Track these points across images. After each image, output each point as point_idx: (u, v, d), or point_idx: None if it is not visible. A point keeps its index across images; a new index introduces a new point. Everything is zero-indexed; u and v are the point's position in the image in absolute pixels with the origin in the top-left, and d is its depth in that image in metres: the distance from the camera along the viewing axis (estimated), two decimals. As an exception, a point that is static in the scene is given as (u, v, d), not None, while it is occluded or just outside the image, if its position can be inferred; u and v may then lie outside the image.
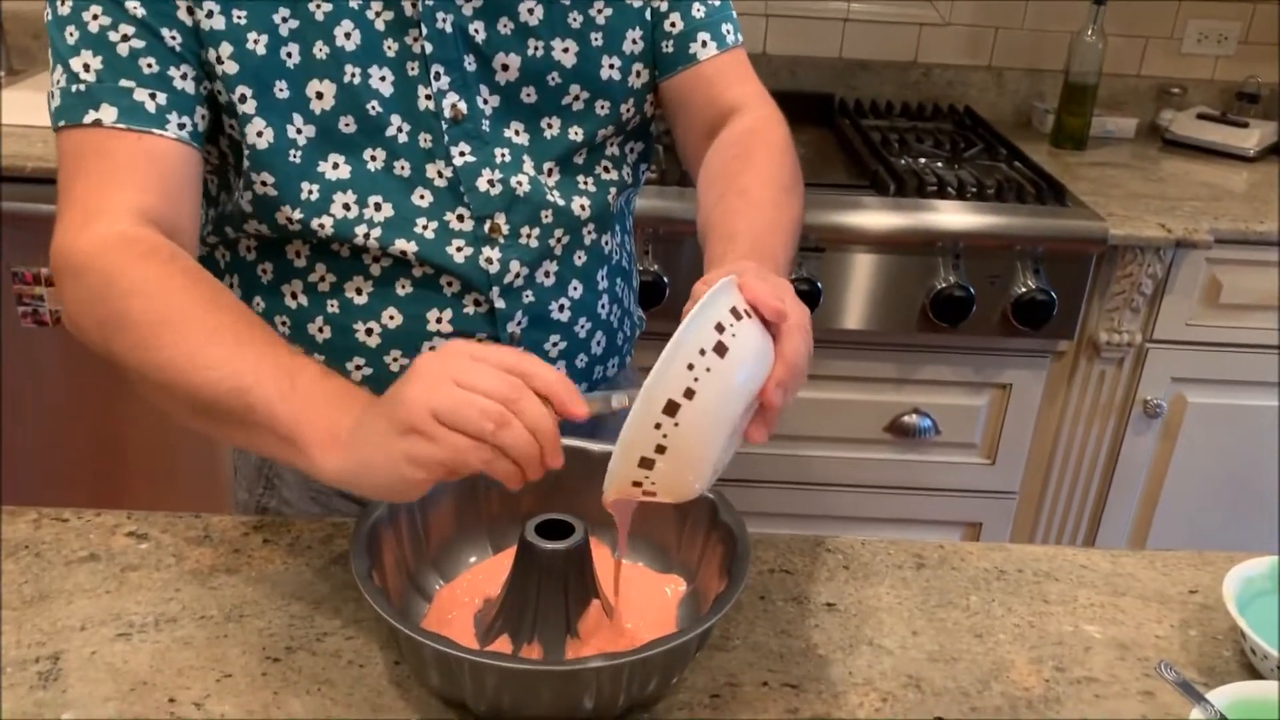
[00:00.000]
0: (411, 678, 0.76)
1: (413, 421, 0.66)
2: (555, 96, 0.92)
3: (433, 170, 0.89)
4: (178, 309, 0.77)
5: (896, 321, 1.74)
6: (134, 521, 0.90)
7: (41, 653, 0.76)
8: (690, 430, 0.66)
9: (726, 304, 0.68)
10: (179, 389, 0.75)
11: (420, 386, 0.67)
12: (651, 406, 0.65)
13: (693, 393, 0.65)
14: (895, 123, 2.10)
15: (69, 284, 0.80)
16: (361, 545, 0.75)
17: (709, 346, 0.65)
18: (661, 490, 0.69)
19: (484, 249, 0.92)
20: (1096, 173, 1.97)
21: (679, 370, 0.65)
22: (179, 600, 0.82)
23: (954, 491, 1.91)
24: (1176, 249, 1.73)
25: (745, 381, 0.67)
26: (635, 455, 0.67)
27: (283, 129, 0.85)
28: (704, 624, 0.71)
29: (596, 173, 0.97)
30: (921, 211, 1.70)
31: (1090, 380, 1.83)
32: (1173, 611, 0.87)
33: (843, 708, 0.76)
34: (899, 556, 0.92)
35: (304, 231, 0.88)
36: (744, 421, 0.70)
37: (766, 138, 0.95)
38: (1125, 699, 0.78)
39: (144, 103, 0.81)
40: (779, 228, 0.87)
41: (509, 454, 0.67)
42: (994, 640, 0.83)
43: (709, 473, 0.69)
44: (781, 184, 0.91)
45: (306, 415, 0.72)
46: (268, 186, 0.86)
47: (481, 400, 0.66)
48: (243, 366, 0.73)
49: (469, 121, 0.89)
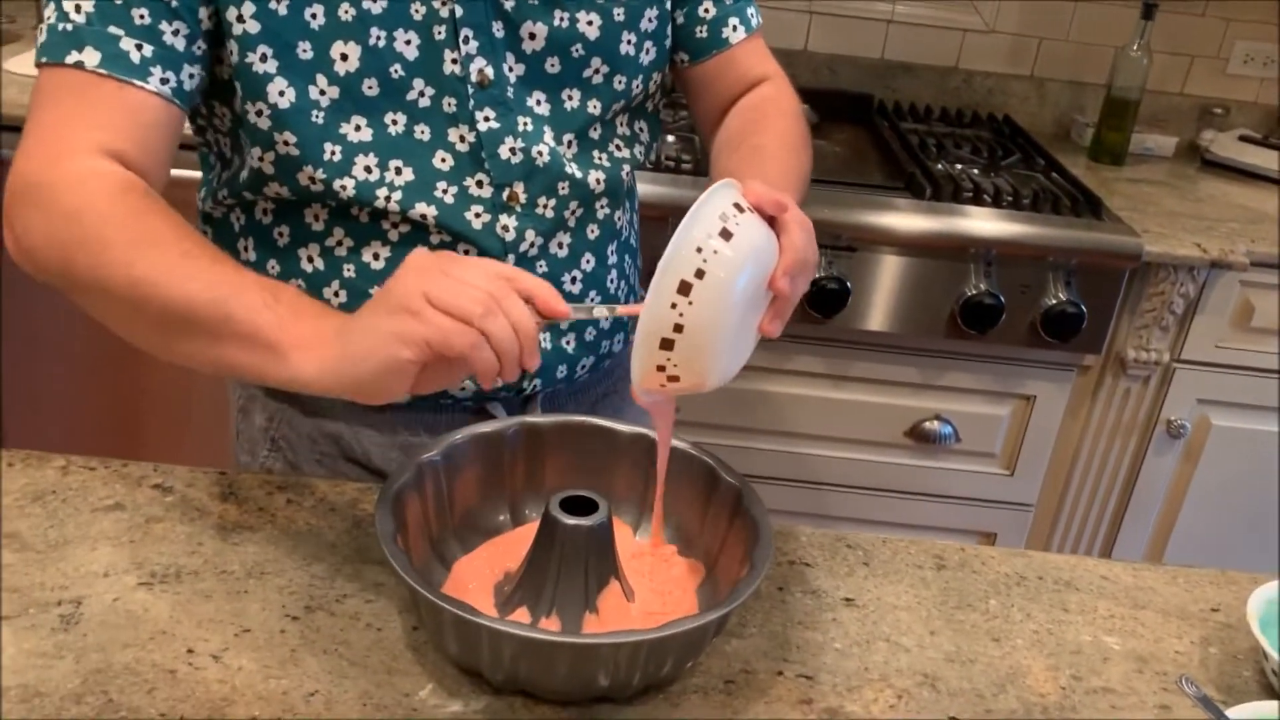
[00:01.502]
0: (428, 644, 0.76)
1: (405, 302, 0.69)
2: (577, 68, 0.93)
3: (455, 135, 0.90)
4: (155, 231, 0.77)
5: (924, 326, 1.73)
6: (160, 474, 0.91)
7: (64, 596, 0.77)
8: (704, 308, 0.70)
9: (728, 198, 0.73)
10: (151, 303, 0.75)
11: (413, 273, 0.71)
12: (666, 287, 0.70)
13: (703, 273, 0.70)
14: (933, 127, 2.09)
15: (30, 211, 0.79)
16: (387, 508, 0.75)
17: (714, 232, 0.71)
18: (684, 373, 0.73)
19: (501, 216, 0.92)
20: (1133, 189, 1.95)
21: (689, 253, 0.70)
22: (201, 554, 0.82)
23: (970, 500, 1.90)
24: (1211, 269, 1.71)
25: (752, 266, 0.72)
26: (656, 337, 0.71)
27: (305, 89, 0.85)
28: (724, 609, 0.71)
29: (610, 149, 0.98)
30: (956, 217, 1.69)
31: (1115, 396, 1.82)
32: (1193, 628, 0.87)
33: (857, 702, 0.76)
34: (919, 556, 0.92)
35: (326, 193, 0.88)
36: (755, 316, 0.76)
37: (780, 104, 1.03)
38: (1142, 711, 0.78)
39: (129, 52, 0.80)
40: (788, 180, 0.92)
41: (491, 343, 0.69)
42: (1011, 645, 0.83)
43: (725, 358, 0.74)
44: (793, 143, 0.99)
45: (290, 322, 0.73)
46: (290, 146, 0.86)
47: (471, 289, 0.70)
48: (222, 279, 0.75)
49: (495, 87, 0.90)
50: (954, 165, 1.89)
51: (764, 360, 1.78)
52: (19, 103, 1.67)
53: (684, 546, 0.87)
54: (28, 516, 0.84)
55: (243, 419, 1.07)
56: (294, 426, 1.02)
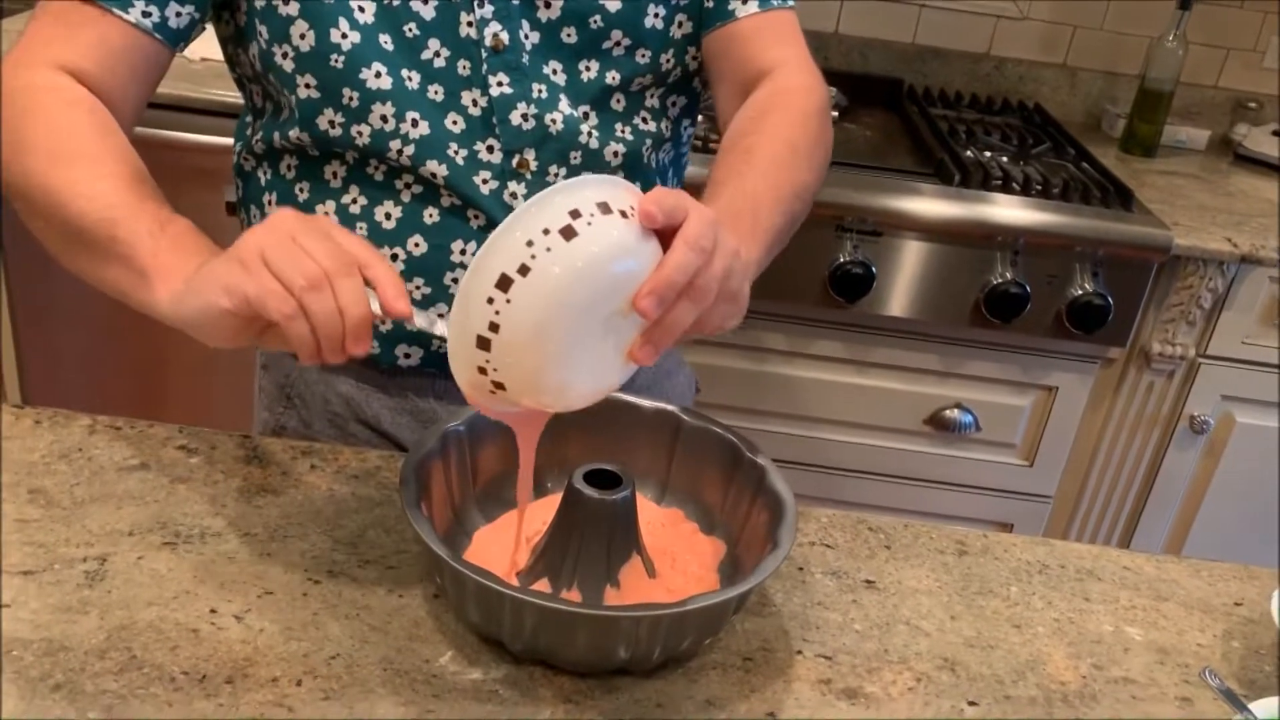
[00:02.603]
0: (449, 612, 0.76)
1: (243, 254, 0.67)
2: (596, 40, 0.92)
3: (468, 98, 0.90)
4: (79, 146, 0.78)
5: (947, 313, 1.72)
6: (185, 436, 0.91)
7: (89, 553, 0.77)
8: (524, 310, 0.62)
9: (592, 197, 0.63)
10: (56, 215, 0.77)
11: (265, 228, 0.68)
12: (482, 278, 0.62)
13: (528, 269, 0.61)
14: (963, 113, 2.07)
15: None
16: (412, 476, 0.75)
17: (555, 227, 0.61)
18: (509, 381, 0.65)
19: (510, 183, 0.92)
20: (1164, 181, 1.93)
21: (515, 244, 0.61)
22: (224, 516, 0.83)
23: (988, 490, 1.89)
24: (1240, 264, 1.70)
25: (594, 276, 0.62)
26: (470, 332, 0.63)
27: (326, 33, 0.85)
28: (745, 585, 0.71)
29: (635, 122, 0.96)
30: (984, 204, 1.68)
31: (1138, 390, 1.81)
32: (1216, 621, 0.86)
33: (876, 683, 0.76)
34: (941, 542, 0.92)
35: (344, 138, 0.89)
36: (619, 337, 0.66)
37: (790, 101, 0.93)
38: (1162, 703, 0.77)
39: None
40: (774, 188, 0.85)
41: (310, 319, 0.65)
42: (1032, 632, 0.83)
43: (564, 373, 0.65)
44: (793, 146, 0.89)
45: (165, 255, 0.73)
46: (311, 89, 0.87)
47: (307, 260, 0.65)
48: (119, 202, 0.75)
49: (509, 53, 0.89)
50: (983, 152, 1.87)
51: (785, 344, 1.78)
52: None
53: (705, 524, 0.86)
54: (54, 474, 0.84)
55: (264, 375, 1.08)
56: (308, 385, 1.02)
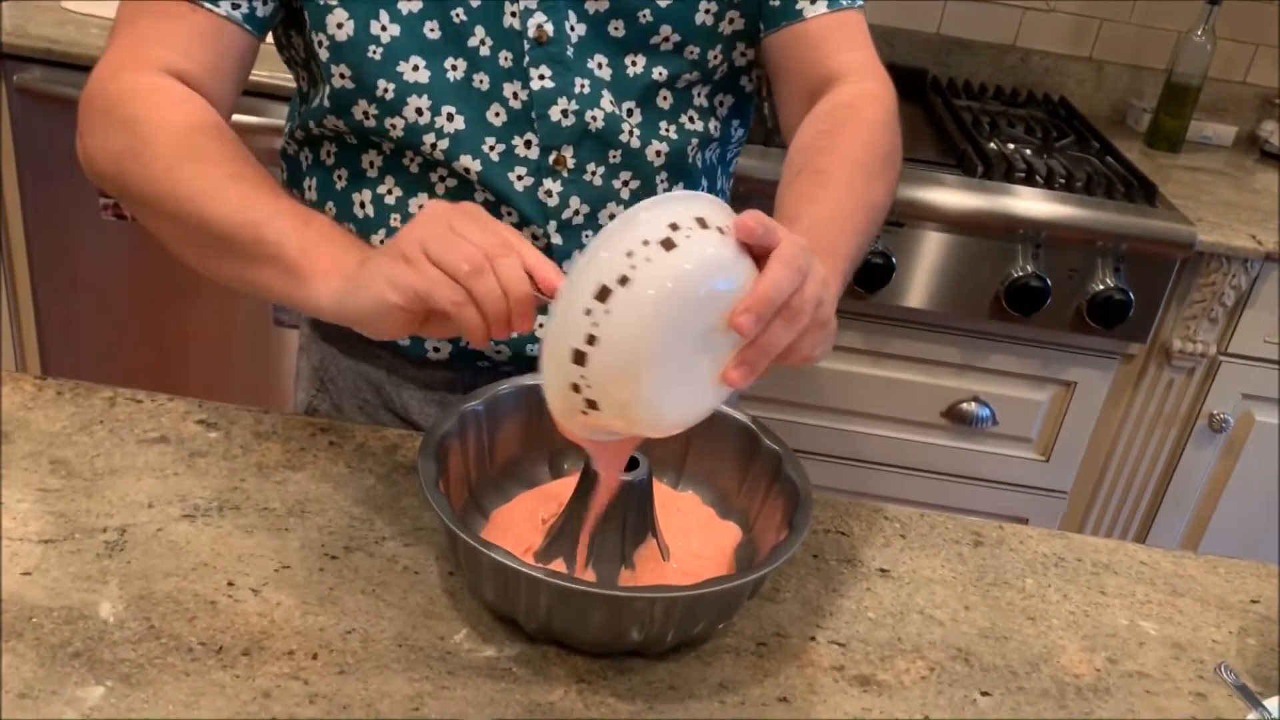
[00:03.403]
0: (464, 589, 0.77)
1: (402, 248, 0.69)
2: (644, 34, 0.90)
3: (509, 90, 0.88)
4: (203, 148, 0.79)
5: (967, 306, 1.71)
6: (204, 410, 0.92)
7: (109, 524, 0.78)
8: (625, 321, 0.60)
9: (690, 211, 0.62)
10: (191, 219, 0.77)
11: (422, 222, 0.70)
12: (582, 288, 0.60)
13: (628, 280, 0.60)
14: (988, 105, 2.06)
15: (95, 118, 0.82)
16: (430, 453, 0.75)
17: (655, 239, 0.60)
18: (602, 398, 0.63)
19: (545, 180, 0.91)
20: (1189, 177, 1.92)
21: (615, 255, 0.60)
22: (243, 490, 0.83)
23: (1004, 484, 1.89)
24: (1264, 262, 1.68)
25: (693, 289, 0.61)
26: (566, 347, 0.62)
27: (365, 24, 0.85)
28: (761, 570, 0.71)
29: (681, 121, 0.94)
30: (1006, 196, 1.67)
31: (1157, 387, 1.80)
32: (1232, 618, 0.86)
33: (889, 671, 0.76)
34: (957, 532, 0.91)
35: (378, 129, 0.88)
36: (713, 359, 0.64)
37: (860, 115, 0.89)
38: (1177, 698, 0.77)
39: None
40: (850, 213, 0.82)
41: (477, 303, 0.67)
42: (1047, 624, 0.82)
43: (660, 392, 0.63)
44: (866, 166, 0.86)
45: (315, 249, 0.74)
46: (345, 80, 0.86)
47: (467, 245, 0.67)
48: (259, 202, 0.76)
49: (554, 45, 0.88)
50: (1007, 144, 1.86)
51: (803, 333, 1.77)
52: (78, 41, 1.68)
53: (721, 509, 0.86)
54: (74, 445, 0.85)
55: (302, 357, 1.08)
56: (341, 371, 1.03)
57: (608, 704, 0.69)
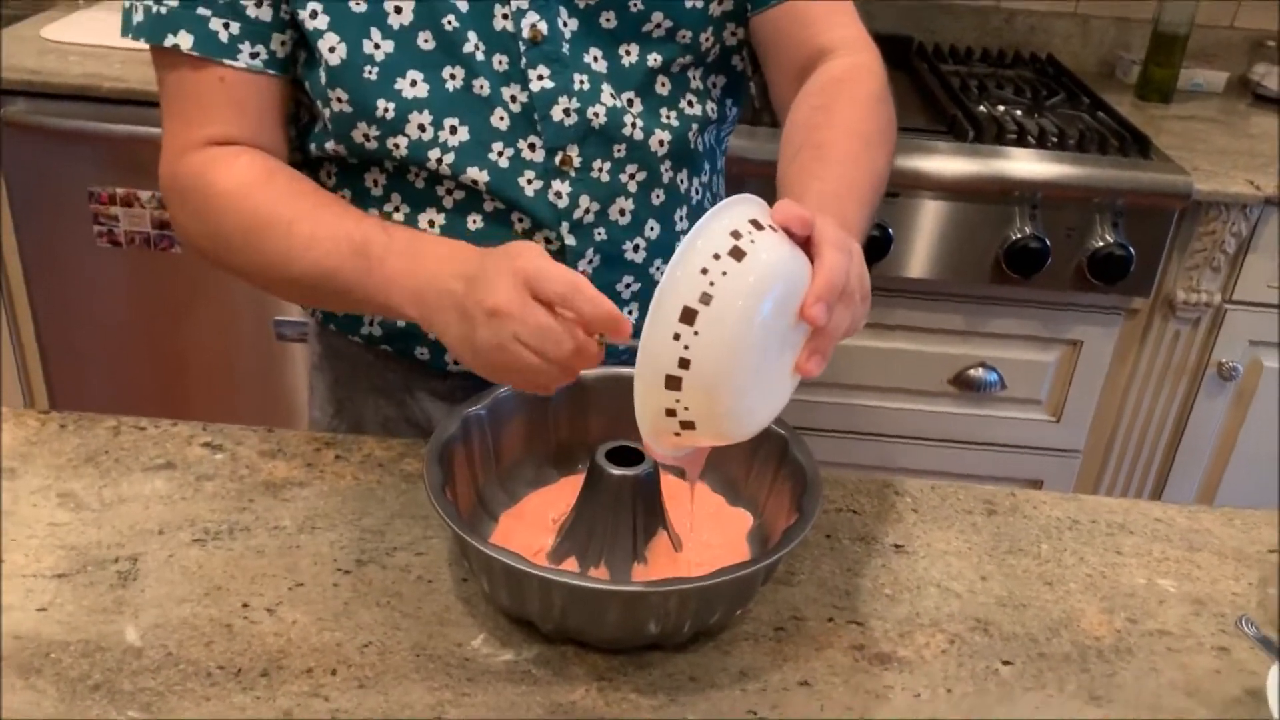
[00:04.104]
0: (478, 595, 0.77)
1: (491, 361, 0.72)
2: (636, 23, 0.89)
3: (507, 94, 0.88)
4: (263, 213, 0.84)
5: (967, 272, 1.71)
6: (209, 433, 0.92)
7: (121, 553, 0.78)
8: (714, 338, 0.61)
9: (743, 214, 0.63)
10: (281, 281, 0.86)
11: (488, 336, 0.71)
12: (667, 315, 0.61)
13: (710, 298, 0.61)
14: (975, 68, 2.05)
15: (175, 208, 0.89)
16: (435, 461, 0.75)
17: (724, 251, 0.61)
18: (700, 417, 0.64)
19: (554, 182, 0.90)
20: (1182, 126, 1.90)
21: (692, 275, 0.61)
22: (252, 510, 0.83)
23: (1016, 448, 1.88)
24: (1264, 207, 1.67)
25: (773, 290, 0.62)
26: (659, 374, 0.62)
27: (358, 44, 0.84)
28: (773, 555, 0.71)
29: (680, 106, 0.94)
30: (999, 159, 1.66)
31: (1164, 340, 1.79)
32: (1250, 569, 0.85)
33: (908, 646, 0.75)
34: (969, 502, 0.91)
35: (380, 150, 0.88)
36: (788, 354, 0.66)
37: (854, 88, 0.90)
38: (1199, 654, 0.77)
39: (217, 32, 0.84)
40: (854, 186, 0.83)
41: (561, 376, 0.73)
42: (1065, 589, 0.82)
43: (750, 401, 0.65)
44: (865, 138, 0.86)
45: (388, 284, 0.79)
46: (344, 103, 0.86)
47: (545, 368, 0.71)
48: (329, 251, 0.81)
49: (549, 43, 0.87)
50: (996, 107, 1.85)
51: (805, 310, 1.76)
52: (61, 70, 1.68)
53: (731, 496, 0.86)
54: (82, 476, 0.85)
55: (316, 375, 1.08)
56: (359, 388, 1.03)
57: (630, 700, 0.69)
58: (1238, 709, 0.72)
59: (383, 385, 1.01)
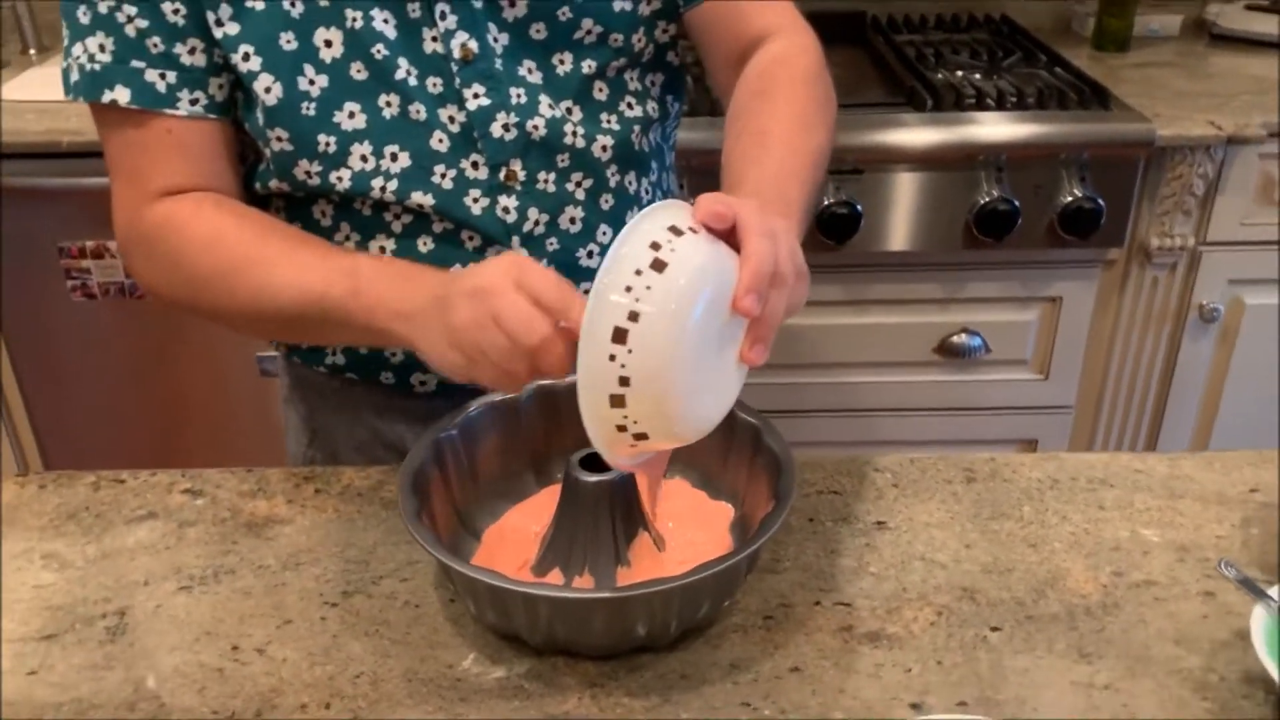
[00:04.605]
0: (466, 615, 0.77)
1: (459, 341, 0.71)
2: (566, 31, 0.89)
3: (445, 115, 0.88)
4: (236, 255, 0.84)
5: (940, 240, 1.71)
6: (188, 479, 0.92)
7: (108, 608, 0.78)
8: (649, 352, 0.62)
9: (661, 223, 0.64)
10: (263, 318, 0.85)
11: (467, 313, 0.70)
12: (599, 338, 0.62)
13: (637, 315, 0.62)
14: (930, 36, 2.05)
15: (138, 260, 0.89)
16: (408, 487, 0.75)
17: (645, 265, 0.62)
18: (651, 428, 0.65)
19: (500, 197, 0.90)
20: (1141, 74, 1.90)
21: (616, 296, 0.62)
22: (236, 552, 0.83)
23: (1008, 409, 1.88)
24: (1228, 146, 1.67)
25: (699, 295, 0.62)
26: (602, 395, 0.63)
27: (293, 81, 0.84)
28: (751, 545, 0.71)
29: (620, 109, 0.94)
30: (961, 125, 1.66)
31: (1143, 288, 1.79)
32: (1232, 511, 0.86)
33: (897, 622, 0.76)
34: (948, 471, 0.91)
35: (323, 186, 0.88)
36: (730, 346, 0.67)
37: (791, 70, 0.91)
38: (1186, 600, 0.77)
39: (154, 83, 0.84)
40: (794, 168, 0.83)
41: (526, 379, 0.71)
42: (1049, 549, 0.82)
43: (699, 400, 0.66)
44: (802, 119, 0.87)
45: (376, 305, 0.78)
46: (284, 142, 0.86)
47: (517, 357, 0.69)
48: (308, 281, 0.81)
49: (481, 61, 0.87)
50: (954, 73, 1.85)
51: (783, 294, 1.76)
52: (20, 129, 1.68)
53: (711, 491, 0.87)
54: (64, 535, 0.85)
55: (288, 408, 1.08)
56: (330, 417, 1.03)
57: (623, 704, 0.70)
58: (1226, 652, 0.72)
59: (353, 412, 1.02)
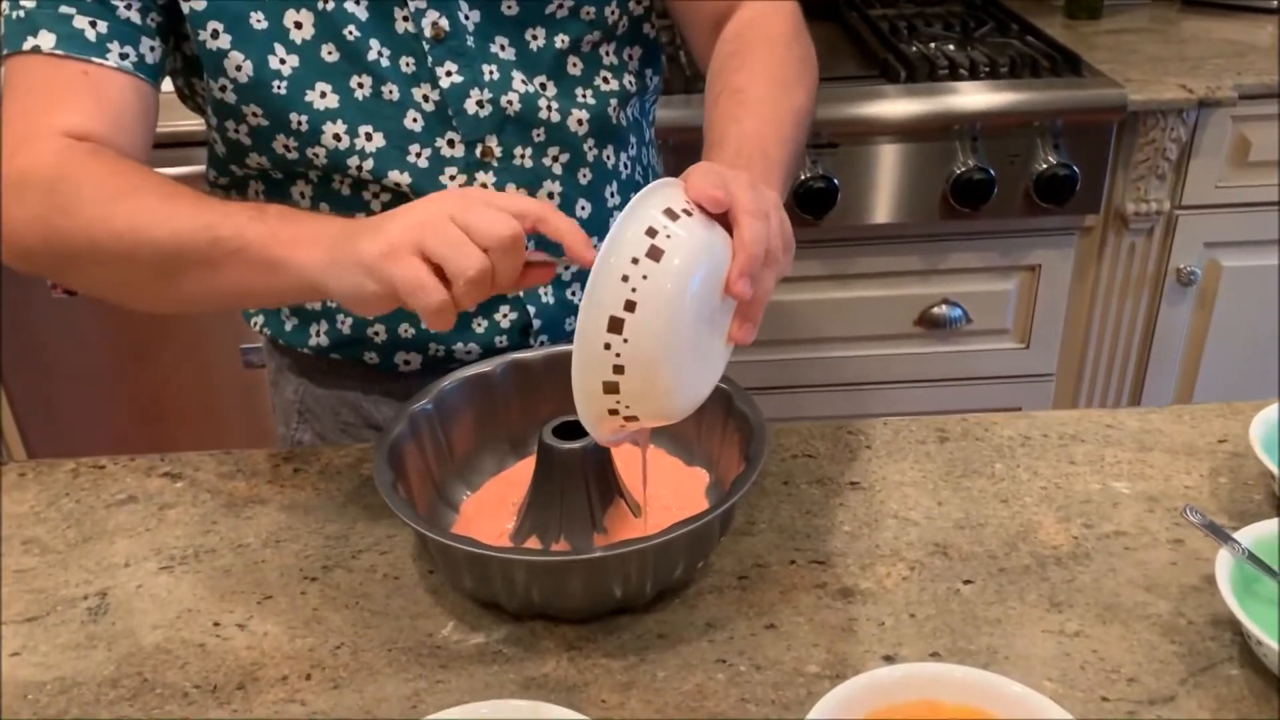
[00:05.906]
0: (445, 585, 0.78)
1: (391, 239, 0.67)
2: (538, 6, 0.90)
3: (419, 94, 0.88)
4: (130, 182, 0.76)
5: (918, 211, 1.71)
6: (168, 463, 0.92)
7: (89, 590, 0.79)
8: (644, 343, 0.62)
9: (657, 206, 0.64)
10: (142, 248, 0.74)
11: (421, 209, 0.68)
12: (594, 327, 0.62)
13: (634, 304, 0.62)
14: (903, 9, 2.05)
15: (7, 195, 0.78)
16: (384, 460, 0.76)
17: (641, 253, 0.62)
18: (641, 412, 0.66)
19: (478, 174, 0.90)
20: (1113, 40, 1.91)
21: (614, 285, 0.62)
22: (216, 532, 0.84)
23: (990, 379, 1.89)
24: (1200, 109, 1.68)
25: (694, 281, 0.63)
26: (595, 382, 0.64)
27: (264, 60, 0.84)
28: (724, 504, 0.72)
29: (596, 84, 0.94)
30: (935, 96, 1.66)
31: (1120, 253, 1.80)
32: (1201, 462, 0.87)
33: (870, 578, 0.77)
34: (921, 433, 0.92)
35: (301, 160, 0.88)
36: (719, 327, 0.68)
37: (767, 29, 0.91)
38: (1155, 549, 0.78)
39: (84, 30, 0.79)
40: (774, 124, 0.83)
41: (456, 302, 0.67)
42: (1020, 504, 0.83)
43: (687, 382, 0.67)
44: (781, 78, 0.87)
45: (282, 230, 0.72)
46: (259, 118, 0.86)
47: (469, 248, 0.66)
48: (205, 209, 0.74)
49: (453, 39, 0.87)
50: (928, 44, 1.85)
51: (763, 270, 1.77)
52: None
53: (687, 456, 0.87)
54: (44, 521, 0.86)
55: (275, 392, 1.08)
56: (316, 398, 1.03)
57: (600, 665, 0.71)
58: (1195, 596, 0.73)
59: (338, 393, 1.02)
